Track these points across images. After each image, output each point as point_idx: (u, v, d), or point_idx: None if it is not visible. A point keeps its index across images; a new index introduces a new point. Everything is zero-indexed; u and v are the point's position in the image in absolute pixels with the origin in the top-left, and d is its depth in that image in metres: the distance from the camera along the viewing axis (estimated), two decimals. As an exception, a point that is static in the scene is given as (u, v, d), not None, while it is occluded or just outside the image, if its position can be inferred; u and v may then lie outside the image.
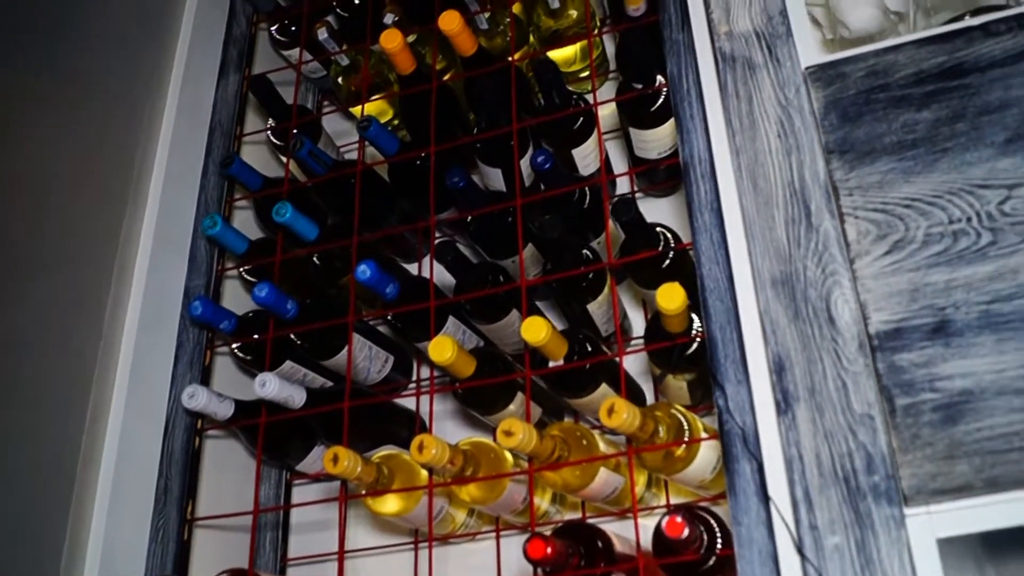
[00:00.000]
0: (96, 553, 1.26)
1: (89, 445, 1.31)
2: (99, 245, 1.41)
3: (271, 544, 1.54)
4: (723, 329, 1.06)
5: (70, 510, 1.27)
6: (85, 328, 1.37)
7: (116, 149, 1.46)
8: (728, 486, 0.99)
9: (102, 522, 1.28)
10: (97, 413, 1.33)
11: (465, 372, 1.20)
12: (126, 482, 1.31)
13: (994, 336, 0.91)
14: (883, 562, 0.87)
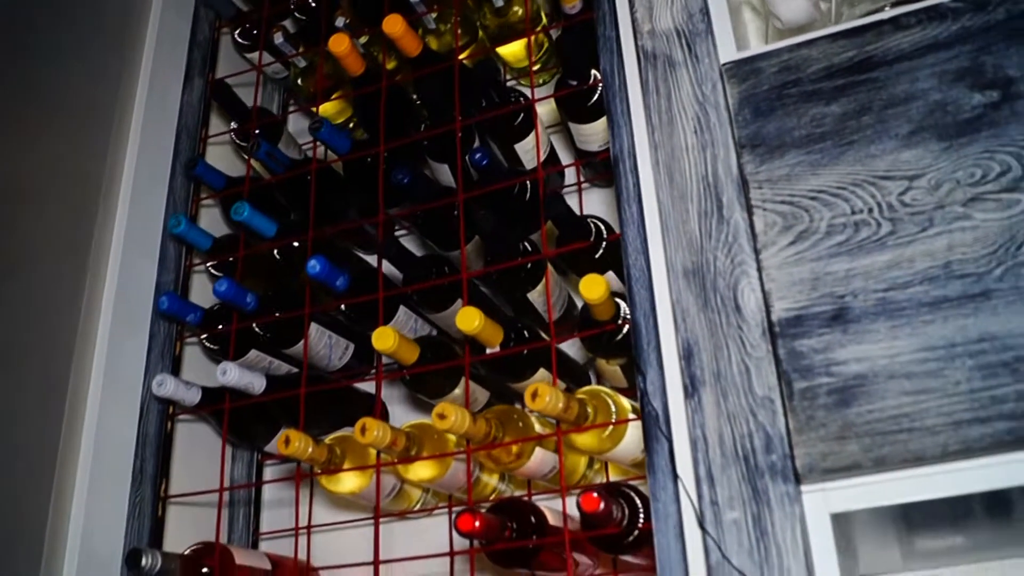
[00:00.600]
0: (77, 529, 1.27)
1: (69, 431, 1.32)
2: (73, 246, 1.42)
3: (243, 520, 1.55)
4: (646, 317, 1.06)
5: (52, 490, 1.28)
6: (62, 323, 1.38)
7: (86, 155, 1.46)
8: (648, 464, 0.99)
9: (83, 500, 1.29)
10: (75, 401, 1.34)
11: (409, 359, 1.21)
12: (104, 463, 1.33)
13: (889, 323, 0.91)
14: (776, 535, 0.87)
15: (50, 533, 1.26)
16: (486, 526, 1.03)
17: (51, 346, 1.37)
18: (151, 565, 1.22)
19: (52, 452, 1.30)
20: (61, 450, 1.30)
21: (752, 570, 0.87)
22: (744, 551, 0.88)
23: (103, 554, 1.29)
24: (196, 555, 1.30)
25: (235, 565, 1.31)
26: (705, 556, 0.90)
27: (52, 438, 1.31)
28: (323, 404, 1.39)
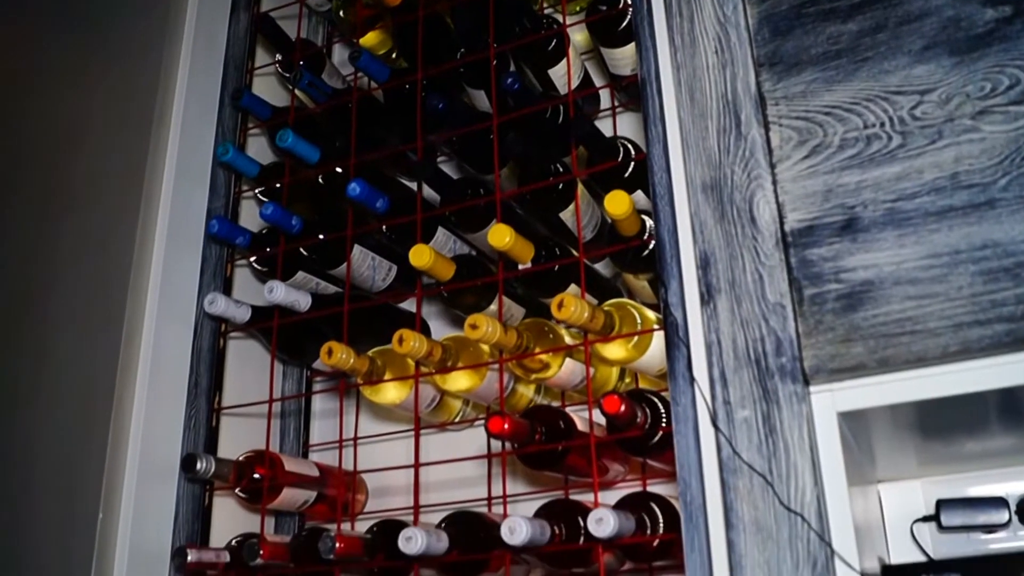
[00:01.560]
0: (137, 439, 1.36)
1: (127, 349, 1.40)
2: (127, 177, 1.49)
3: (294, 432, 1.63)
4: (669, 232, 1.10)
5: (113, 403, 1.36)
6: (119, 249, 1.46)
7: (137, 89, 1.54)
8: (668, 371, 1.04)
9: (142, 413, 1.37)
10: (133, 321, 1.42)
11: (445, 275, 1.27)
12: (161, 378, 1.41)
13: (896, 232, 0.95)
14: (785, 433, 0.92)
15: (112, 442, 1.35)
16: (515, 429, 1.10)
17: (109, 271, 1.46)
18: (205, 469, 1.30)
19: (112, 368, 1.39)
20: (120, 366, 1.39)
21: (761, 464, 0.92)
22: (753, 447, 0.94)
23: (162, 461, 1.38)
24: (248, 461, 1.38)
25: (284, 471, 1.39)
26: (717, 452, 0.95)
27: (112, 356, 1.39)
28: (366, 321, 1.45)
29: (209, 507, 1.43)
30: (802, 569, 0.88)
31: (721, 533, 0.94)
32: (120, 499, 1.33)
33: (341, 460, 1.39)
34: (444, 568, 1.24)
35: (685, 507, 0.99)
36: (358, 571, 1.34)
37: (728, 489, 0.93)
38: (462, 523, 1.23)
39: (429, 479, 1.51)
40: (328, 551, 1.15)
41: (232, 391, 1.51)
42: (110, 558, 1.31)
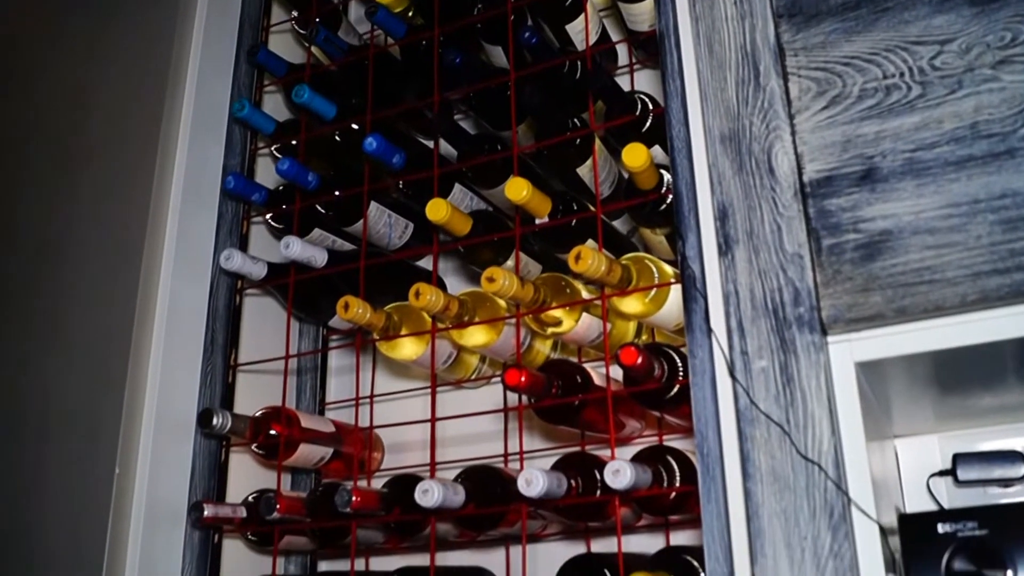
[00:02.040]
0: (154, 395, 1.37)
1: (143, 306, 1.41)
2: (143, 133, 1.51)
3: (310, 389, 1.65)
4: (687, 186, 1.11)
5: (129, 358, 1.38)
6: (135, 206, 1.47)
7: (153, 46, 1.55)
8: (686, 324, 1.05)
9: (158, 369, 1.39)
10: (149, 278, 1.43)
11: (462, 230, 1.28)
12: (177, 335, 1.42)
13: (915, 182, 0.95)
14: (802, 382, 0.93)
15: (128, 398, 1.36)
16: (532, 382, 1.11)
17: (125, 228, 1.47)
18: (221, 424, 1.32)
19: (128, 325, 1.40)
20: (136, 322, 1.40)
21: (778, 414, 0.93)
22: (771, 397, 0.94)
23: (178, 417, 1.40)
24: (264, 417, 1.39)
25: (301, 427, 1.40)
26: (735, 402, 0.96)
27: (128, 312, 1.41)
28: (382, 278, 1.47)
29: (225, 463, 1.45)
30: (819, 518, 0.89)
31: (738, 483, 0.94)
32: (136, 455, 1.35)
33: (357, 417, 1.40)
34: (460, 522, 1.25)
35: (702, 459, 1.00)
36: (374, 525, 1.36)
37: (745, 439, 0.94)
38: (479, 477, 1.24)
39: (445, 434, 1.52)
40: (345, 504, 1.17)
41: (248, 349, 1.53)
42: (126, 513, 1.33)
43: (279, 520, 1.29)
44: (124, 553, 1.31)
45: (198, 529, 1.37)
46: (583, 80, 1.40)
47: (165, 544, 1.34)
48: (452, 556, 1.50)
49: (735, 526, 0.94)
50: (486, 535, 1.42)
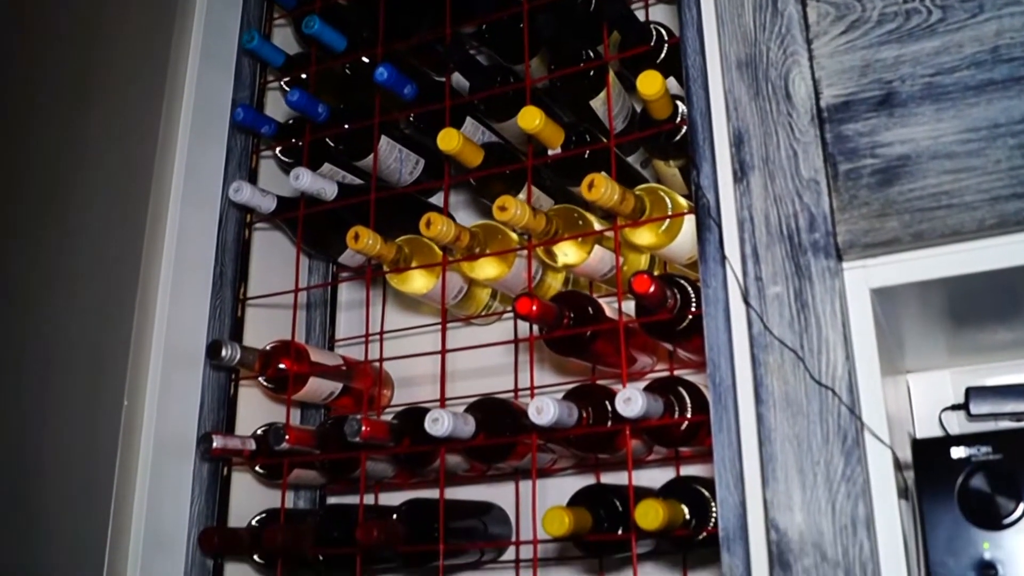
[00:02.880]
0: (162, 328, 1.38)
1: (152, 238, 1.42)
2: (149, 64, 1.50)
3: (320, 326, 1.66)
4: (702, 115, 1.10)
5: (137, 292, 1.39)
6: (142, 140, 1.47)
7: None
8: (699, 253, 1.05)
9: (166, 302, 1.40)
10: (157, 211, 1.44)
11: (473, 161, 1.27)
12: (186, 268, 1.43)
13: (934, 106, 0.95)
14: (817, 308, 0.93)
15: (137, 330, 1.37)
16: (543, 311, 1.11)
17: (133, 160, 1.47)
18: (231, 356, 1.33)
19: (136, 257, 1.41)
20: (145, 255, 1.41)
21: (792, 339, 0.93)
22: (785, 322, 0.94)
23: (187, 350, 1.41)
24: (273, 350, 1.40)
25: (310, 361, 1.41)
26: (748, 329, 0.96)
27: (136, 245, 1.42)
28: (393, 213, 1.46)
29: (234, 398, 1.46)
30: (832, 442, 0.90)
31: (751, 411, 0.95)
32: (145, 387, 1.36)
33: (367, 351, 1.40)
34: (470, 453, 1.26)
35: (714, 388, 1.00)
36: (384, 458, 1.37)
37: (758, 365, 0.95)
38: (489, 408, 1.25)
39: (456, 368, 1.53)
40: (354, 433, 1.17)
41: (257, 285, 1.53)
42: (135, 445, 1.34)
43: (288, 451, 1.30)
44: (133, 485, 1.33)
45: (207, 461, 1.38)
46: (597, 11, 1.39)
47: (174, 477, 1.36)
48: (461, 491, 1.51)
49: (747, 454, 0.95)
50: (495, 469, 1.43)
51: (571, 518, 1.03)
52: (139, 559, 1.30)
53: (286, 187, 1.47)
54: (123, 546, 1.31)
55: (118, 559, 1.29)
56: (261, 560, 1.40)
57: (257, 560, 1.40)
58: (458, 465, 1.38)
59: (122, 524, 1.31)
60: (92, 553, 1.30)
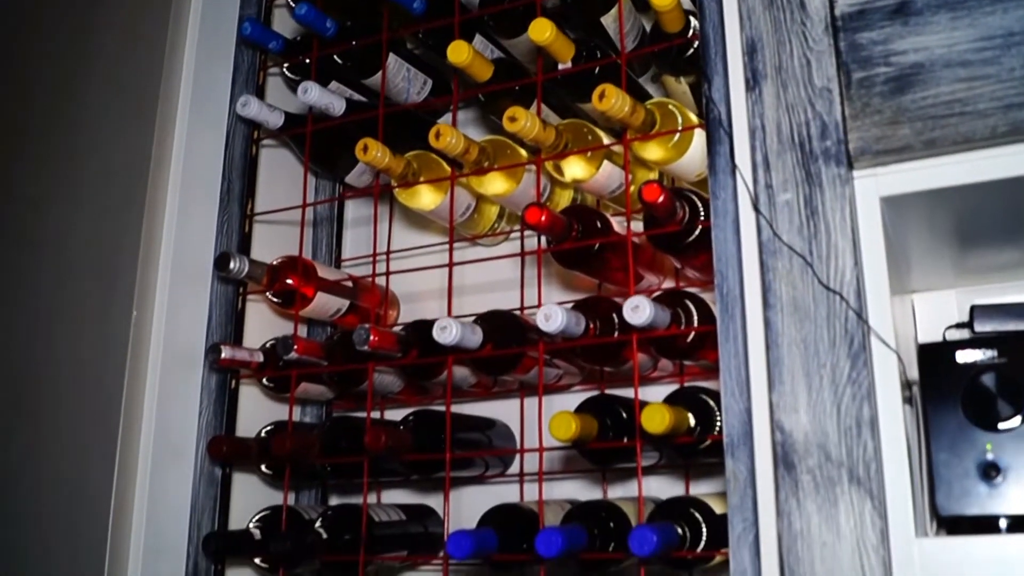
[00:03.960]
0: (170, 242, 1.39)
1: (159, 153, 1.42)
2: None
3: (326, 246, 1.66)
4: (715, 28, 1.10)
5: (145, 206, 1.40)
6: (148, 53, 1.47)
7: None
8: (709, 166, 1.05)
9: (174, 217, 1.41)
10: (164, 126, 1.44)
11: (483, 75, 1.27)
12: (193, 183, 1.44)
13: (950, 14, 0.95)
14: (827, 214, 0.94)
15: (144, 244, 1.38)
16: (552, 221, 1.12)
17: (140, 73, 1.47)
18: (238, 268, 1.33)
19: (143, 172, 1.42)
20: (152, 169, 1.41)
21: (801, 246, 0.94)
22: (794, 229, 0.95)
23: (195, 263, 1.41)
24: (281, 265, 1.41)
25: (317, 277, 1.42)
26: (757, 235, 0.97)
27: (143, 159, 1.42)
28: (400, 130, 1.46)
29: (242, 312, 1.47)
30: (839, 346, 0.91)
31: (758, 317, 0.96)
32: (154, 299, 1.37)
33: (375, 264, 1.41)
34: (477, 365, 1.27)
35: (721, 298, 1.01)
36: (391, 369, 1.39)
37: (767, 271, 0.95)
38: (496, 320, 1.26)
39: (463, 283, 1.54)
40: (362, 342, 1.18)
41: (264, 203, 1.53)
42: (144, 358, 1.35)
43: (296, 361, 1.31)
44: (142, 395, 1.34)
45: (215, 373, 1.39)
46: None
47: (182, 388, 1.37)
48: (467, 408, 1.53)
49: (753, 360, 0.96)
50: (501, 385, 1.45)
51: (578, 423, 1.04)
52: (148, 467, 1.32)
53: (293, 105, 1.47)
54: (132, 455, 1.32)
55: (127, 466, 1.31)
56: (269, 471, 1.42)
57: (265, 471, 1.42)
58: (464, 379, 1.39)
59: (131, 433, 1.33)
60: (101, 461, 1.31)
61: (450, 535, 1.07)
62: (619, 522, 1.14)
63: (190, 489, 1.35)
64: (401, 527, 1.39)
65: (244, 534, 1.32)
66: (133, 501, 1.31)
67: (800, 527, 0.89)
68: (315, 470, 1.38)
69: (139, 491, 1.32)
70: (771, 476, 0.92)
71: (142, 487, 1.32)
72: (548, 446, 1.17)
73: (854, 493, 0.87)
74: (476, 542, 1.08)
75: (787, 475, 0.90)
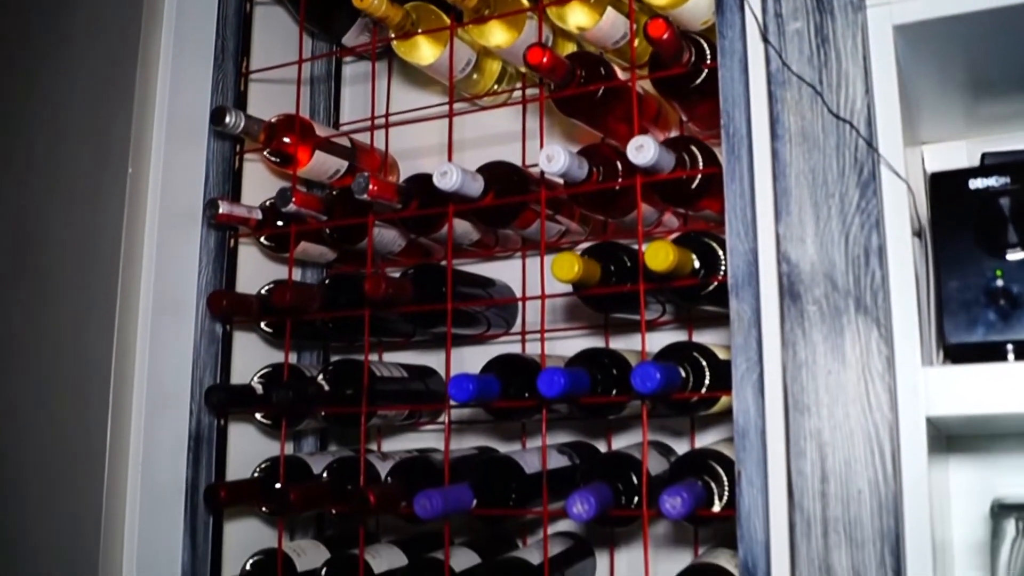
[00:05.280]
0: (164, 97, 1.37)
1: (150, 9, 1.39)
2: None
3: (324, 108, 1.64)
4: None
5: (137, 61, 1.37)
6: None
7: None
8: (716, 8, 1.02)
9: (167, 73, 1.38)
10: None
11: (484, -81, 1.24)
12: (187, 40, 1.41)
13: None
14: (837, 42, 0.91)
15: (138, 98, 1.36)
16: (554, 62, 1.09)
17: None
18: (234, 123, 1.31)
19: (135, 26, 1.38)
20: (144, 23, 1.38)
21: (811, 75, 0.92)
22: (804, 58, 0.93)
23: (190, 121, 1.39)
24: (279, 122, 1.38)
25: (315, 135, 1.40)
26: (766, 66, 0.95)
27: (135, 14, 1.39)
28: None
29: (239, 172, 1.45)
30: (848, 176, 0.89)
31: (766, 151, 0.94)
32: (150, 155, 1.35)
33: (373, 113, 1.38)
34: (478, 216, 1.25)
35: (727, 139, 0.99)
36: (391, 228, 1.37)
37: (775, 101, 0.93)
38: (498, 169, 1.23)
39: (464, 137, 1.53)
40: (362, 190, 1.17)
41: (259, 63, 1.50)
42: (141, 216, 1.34)
43: (295, 215, 1.30)
44: (140, 254, 1.33)
45: (214, 230, 1.38)
46: None
47: (181, 247, 1.36)
48: (467, 269, 1.52)
49: (760, 196, 0.94)
50: (503, 240, 1.43)
51: (581, 264, 1.03)
52: (148, 325, 1.31)
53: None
54: (132, 313, 1.31)
55: (127, 325, 1.30)
56: (269, 328, 1.41)
57: (265, 329, 1.41)
58: (466, 235, 1.38)
59: (130, 291, 1.32)
60: (102, 316, 1.31)
61: (452, 378, 1.07)
62: (621, 368, 1.14)
63: (191, 347, 1.34)
64: (402, 383, 1.39)
65: (246, 388, 1.32)
66: (134, 359, 1.30)
67: (805, 357, 0.88)
68: (316, 328, 1.37)
69: (139, 349, 1.31)
70: (776, 313, 0.91)
71: (142, 345, 1.31)
72: (551, 293, 1.17)
73: (860, 322, 0.86)
74: (479, 386, 1.07)
75: (792, 306, 0.89)
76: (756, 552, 0.92)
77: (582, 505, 0.97)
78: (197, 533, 1.31)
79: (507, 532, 1.43)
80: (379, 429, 1.57)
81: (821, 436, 0.86)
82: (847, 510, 0.85)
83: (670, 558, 1.32)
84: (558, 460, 1.23)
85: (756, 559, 0.91)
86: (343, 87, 1.68)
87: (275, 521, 1.34)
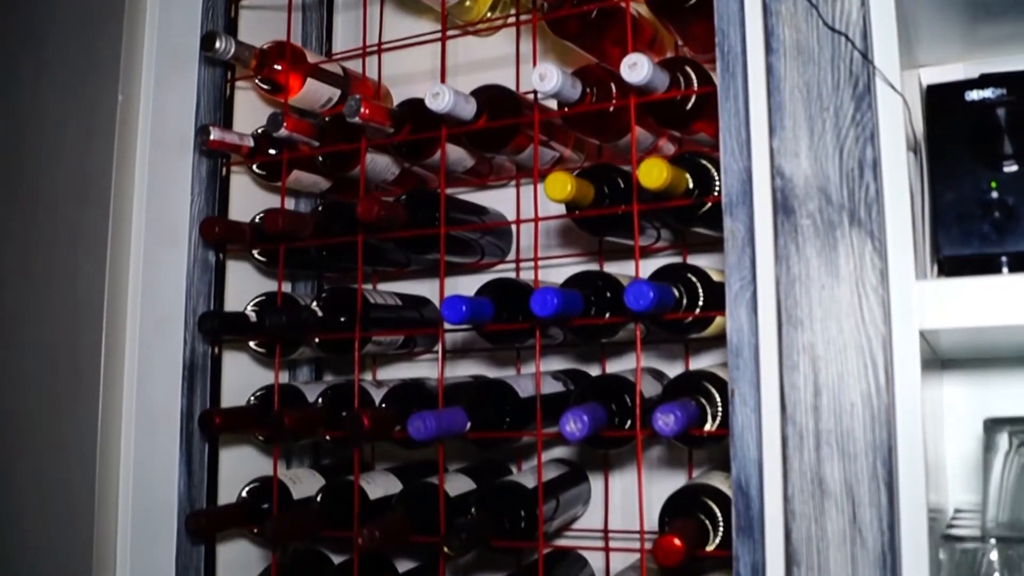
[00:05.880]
0: (154, 25, 1.36)
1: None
2: None
3: (316, 37, 1.62)
4: None
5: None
6: None
7: None
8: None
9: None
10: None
11: None
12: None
13: None
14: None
15: (127, 27, 1.35)
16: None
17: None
18: (225, 48, 1.29)
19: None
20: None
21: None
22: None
23: (180, 47, 1.38)
24: (270, 49, 1.36)
25: (306, 62, 1.38)
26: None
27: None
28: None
29: (231, 99, 1.43)
30: (843, 89, 0.88)
31: (760, 66, 0.93)
32: (140, 83, 1.36)
33: (365, 46, 1.36)
34: (472, 139, 1.24)
35: (722, 57, 0.98)
36: (384, 155, 1.36)
37: (770, 15, 0.92)
38: (491, 92, 1.22)
39: (457, 63, 1.52)
40: (353, 113, 1.15)
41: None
42: (132, 144, 1.34)
43: (287, 141, 1.29)
44: (132, 179, 1.34)
45: (206, 158, 1.37)
46: None
47: (173, 175, 1.36)
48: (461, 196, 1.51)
49: (754, 111, 0.93)
50: (497, 167, 1.42)
51: (574, 183, 1.03)
52: (141, 253, 1.31)
53: None
54: (124, 241, 1.31)
55: (120, 253, 1.30)
56: (262, 257, 1.40)
57: (258, 258, 1.41)
58: (460, 162, 1.37)
59: (122, 220, 1.32)
60: (94, 245, 1.30)
61: (445, 299, 1.07)
62: (615, 291, 1.13)
63: (184, 275, 1.33)
64: (397, 311, 1.39)
65: (240, 315, 1.32)
66: (127, 286, 1.31)
67: (798, 271, 0.88)
68: (309, 257, 1.36)
69: (132, 277, 1.31)
70: (770, 230, 0.90)
71: (135, 273, 1.31)
72: (544, 215, 1.16)
73: (854, 235, 0.86)
74: (472, 307, 1.07)
75: (786, 221, 0.89)
76: (749, 470, 0.92)
77: (575, 423, 0.97)
78: (193, 461, 1.31)
79: (501, 458, 1.43)
80: (374, 358, 1.57)
81: (814, 350, 0.86)
82: (839, 423, 0.85)
83: (664, 482, 1.33)
84: (552, 386, 1.23)
85: (749, 476, 0.92)
86: (335, 14, 1.66)
87: (271, 451, 1.34)
